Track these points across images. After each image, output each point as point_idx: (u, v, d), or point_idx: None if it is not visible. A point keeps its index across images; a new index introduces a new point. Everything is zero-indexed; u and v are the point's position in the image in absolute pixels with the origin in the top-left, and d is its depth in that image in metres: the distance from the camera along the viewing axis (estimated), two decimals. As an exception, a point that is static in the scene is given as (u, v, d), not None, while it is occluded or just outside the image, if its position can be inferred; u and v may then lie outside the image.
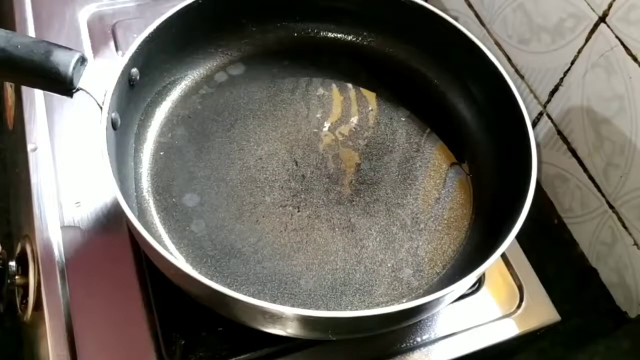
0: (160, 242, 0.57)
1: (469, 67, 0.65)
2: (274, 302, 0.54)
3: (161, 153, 0.63)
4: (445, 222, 0.61)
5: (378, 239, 0.59)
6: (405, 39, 0.69)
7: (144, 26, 0.77)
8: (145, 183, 0.60)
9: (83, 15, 0.76)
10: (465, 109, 0.67)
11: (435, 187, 0.63)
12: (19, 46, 0.50)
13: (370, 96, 0.69)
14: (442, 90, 0.69)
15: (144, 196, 0.60)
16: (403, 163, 0.65)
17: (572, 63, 0.64)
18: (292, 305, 0.54)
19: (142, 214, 0.58)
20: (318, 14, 0.70)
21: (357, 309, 0.55)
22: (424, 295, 0.54)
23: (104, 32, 0.75)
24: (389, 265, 0.58)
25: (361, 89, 0.70)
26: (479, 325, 0.59)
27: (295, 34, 0.71)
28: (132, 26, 0.75)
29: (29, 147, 0.64)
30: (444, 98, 0.68)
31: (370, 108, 0.68)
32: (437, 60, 0.68)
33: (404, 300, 0.56)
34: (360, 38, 0.71)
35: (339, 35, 0.71)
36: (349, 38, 0.71)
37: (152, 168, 0.62)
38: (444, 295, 0.47)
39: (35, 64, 0.50)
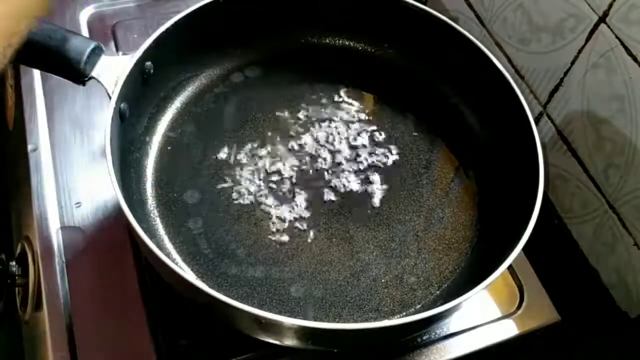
0: (156, 235, 0.57)
1: (473, 74, 0.65)
2: (262, 307, 0.53)
3: (169, 148, 0.63)
4: (446, 242, 0.60)
5: (375, 253, 0.59)
6: (425, 53, 0.69)
7: (144, 27, 0.77)
8: (149, 175, 0.61)
9: (83, 16, 0.76)
10: (471, 115, 0.67)
11: (440, 206, 0.62)
12: (37, 31, 0.51)
13: (384, 107, 0.69)
14: (454, 103, 0.68)
15: (146, 188, 0.60)
16: (410, 179, 0.64)
17: (572, 63, 0.64)
18: (279, 312, 0.53)
19: (141, 206, 0.58)
20: (340, 23, 0.70)
21: (344, 322, 0.54)
22: (415, 314, 0.51)
23: (104, 33, 0.75)
24: (382, 280, 0.57)
25: (377, 99, 0.70)
26: (479, 325, 0.59)
27: (316, 41, 0.71)
28: (132, 26, 0.76)
29: (29, 147, 0.64)
30: (454, 108, 0.68)
31: (384, 120, 0.68)
32: (453, 74, 0.68)
33: (394, 318, 0.55)
34: (380, 49, 0.71)
35: (359, 45, 0.71)
36: (369, 49, 0.71)
37: (157, 161, 0.62)
38: (431, 316, 0.47)
39: (51, 49, 0.51)
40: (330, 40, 0.71)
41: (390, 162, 0.65)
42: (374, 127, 0.67)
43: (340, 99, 0.69)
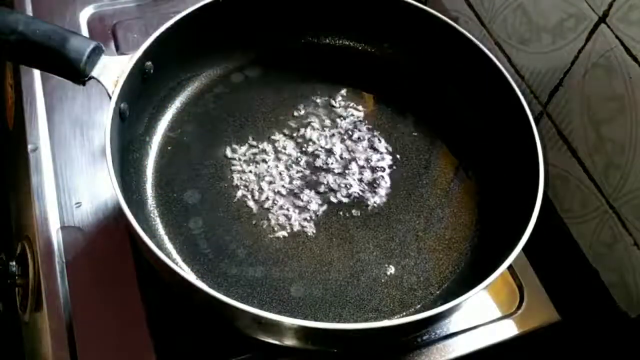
0: (156, 235, 0.57)
1: (473, 74, 0.65)
2: (262, 307, 0.54)
3: (169, 148, 0.63)
4: (446, 242, 0.60)
5: (375, 253, 0.59)
6: (425, 53, 0.69)
7: (144, 27, 0.77)
8: (149, 175, 0.61)
9: (83, 16, 0.76)
10: (471, 115, 0.67)
11: (440, 206, 0.62)
12: (37, 31, 0.51)
13: (384, 107, 0.69)
14: (454, 103, 0.68)
15: (146, 188, 0.60)
16: (410, 179, 0.64)
17: (572, 63, 0.64)
18: (279, 312, 0.53)
19: (141, 206, 0.58)
20: (340, 23, 0.70)
21: (344, 322, 0.54)
22: (415, 314, 0.51)
23: (104, 33, 0.75)
24: (382, 280, 0.57)
25: (377, 99, 0.69)
26: (479, 325, 0.59)
27: (316, 41, 0.71)
28: (132, 27, 0.75)
29: (29, 147, 0.64)
30: (454, 108, 0.68)
31: (384, 120, 0.68)
32: (451, 70, 0.68)
33: (394, 318, 0.55)
34: (380, 49, 0.71)
35: (359, 45, 0.71)
36: (369, 49, 0.71)
37: (158, 161, 0.62)
38: (431, 316, 0.47)
39: (51, 50, 0.52)
40: (330, 40, 0.71)
41: (390, 162, 0.65)
42: (374, 128, 0.67)
43: (340, 99, 0.69)
